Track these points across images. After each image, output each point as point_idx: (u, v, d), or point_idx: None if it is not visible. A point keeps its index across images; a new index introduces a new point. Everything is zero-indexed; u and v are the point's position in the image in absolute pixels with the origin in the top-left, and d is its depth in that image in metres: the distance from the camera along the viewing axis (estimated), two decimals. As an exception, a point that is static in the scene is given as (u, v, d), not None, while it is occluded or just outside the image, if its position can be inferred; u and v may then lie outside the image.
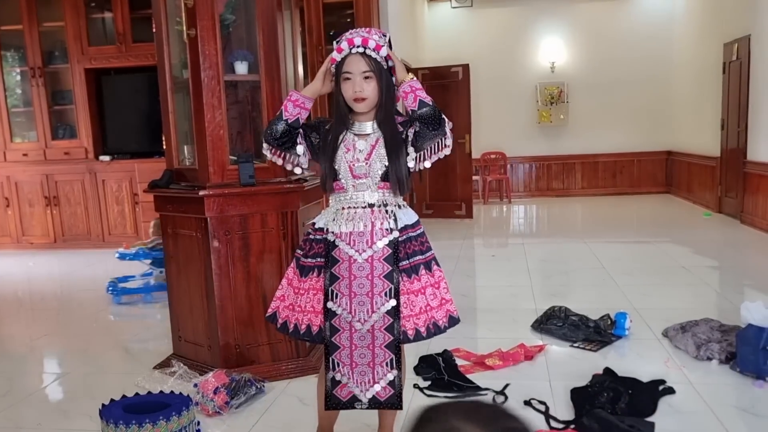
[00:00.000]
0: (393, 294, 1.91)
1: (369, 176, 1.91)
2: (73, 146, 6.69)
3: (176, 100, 3.12)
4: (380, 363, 1.92)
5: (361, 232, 1.91)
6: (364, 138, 1.94)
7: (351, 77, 1.88)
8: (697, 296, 4.17)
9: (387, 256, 1.91)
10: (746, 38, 6.74)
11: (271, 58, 2.95)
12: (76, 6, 6.44)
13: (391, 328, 1.91)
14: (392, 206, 1.94)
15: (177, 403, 2.20)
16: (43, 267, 6.13)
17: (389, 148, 1.90)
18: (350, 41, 1.87)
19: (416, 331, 1.93)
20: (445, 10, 9.77)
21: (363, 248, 1.91)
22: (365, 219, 1.91)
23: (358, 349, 1.93)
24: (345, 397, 1.95)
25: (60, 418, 2.74)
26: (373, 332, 1.92)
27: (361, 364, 1.93)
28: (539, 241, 6.73)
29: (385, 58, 1.93)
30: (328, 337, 1.94)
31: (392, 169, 1.90)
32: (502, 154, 9.78)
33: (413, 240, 1.96)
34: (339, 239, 1.93)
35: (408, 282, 1.93)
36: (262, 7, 2.92)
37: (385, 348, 1.92)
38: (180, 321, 3.21)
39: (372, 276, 1.91)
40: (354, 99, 1.89)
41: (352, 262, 1.91)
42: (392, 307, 1.91)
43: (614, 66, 9.53)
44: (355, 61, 1.87)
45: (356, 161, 1.91)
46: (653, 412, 2.50)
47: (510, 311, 3.98)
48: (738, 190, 7.00)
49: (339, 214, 1.94)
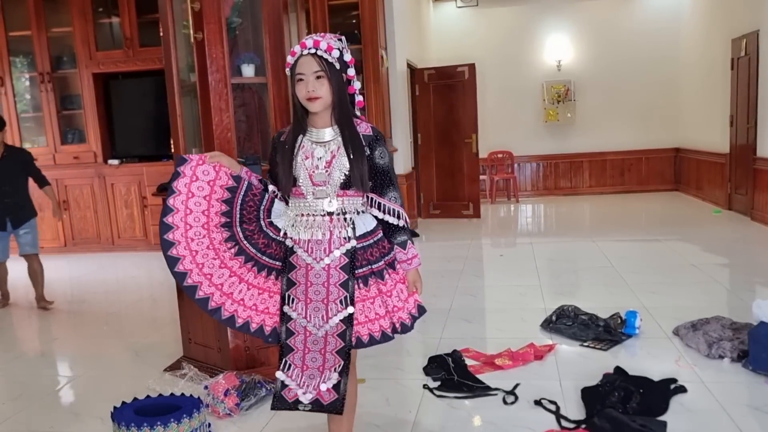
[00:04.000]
0: (348, 302, 1.93)
1: (329, 184, 1.92)
2: (82, 150, 6.73)
3: (184, 104, 3.14)
4: (329, 368, 1.96)
5: (319, 240, 1.93)
6: (322, 145, 1.94)
7: (304, 78, 1.89)
8: (708, 294, 4.14)
9: (343, 265, 1.94)
10: (755, 33, 6.70)
11: (277, 61, 2.96)
12: (83, 11, 6.49)
13: (344, 335, 1.95)
14: (351, 214, 1.95)
15: (188, 405, 2.21)
16: (53, 271, 6.15)
17: (350, 149, 1.90)
18: (303, 44, 1.90)
19: (370, 336, 1.97)
20: (451, 10, 9.76)
21: (320, 256, 1.93)
22: (323, 227, 1.93)
23: (311, 352, 1.97)
24: (291, 398, 1.99)
25: (72, 420, 2.76)
26: (326, 337, 1.95)
27: (311, 367, 1.97)
28: (547, 240, 6.70)
29: (345, 62, 1.93)
30: (284, 339, 1.98)
31: (355, 170, 1.90)
32: (509, 153, 9.75)
33: (371, 247, 1.97)
34: (297, 246, 1.95)
35: (364, 289, 1.96)
36: (268, 10, 2.93)
37: (336, 353, 1.96)
38: (190, 323, 3.23)
39: (328, 284, 1.94)
40: (307, 99, 1.90)
41: (309, 269, 1.94)
42: (347, 315, 1.94)
43: (621, 63, 9.48)
44: (307, 62, 1.88)
45: (315, 168, 1.92)
46: (665, 411, 2.49)
47: (519, 311, 3.97)
48: (748, 186, 6.95)
49: (298, 220, 1.96)
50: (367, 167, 1.92)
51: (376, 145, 1.94)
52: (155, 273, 5.74)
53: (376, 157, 1.94)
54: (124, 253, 6.71)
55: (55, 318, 4.60)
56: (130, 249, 6.75)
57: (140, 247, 6.72)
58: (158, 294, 4.96)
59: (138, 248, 6.72)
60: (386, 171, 1.97)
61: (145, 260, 6.30)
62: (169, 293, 4.36)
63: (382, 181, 1.97)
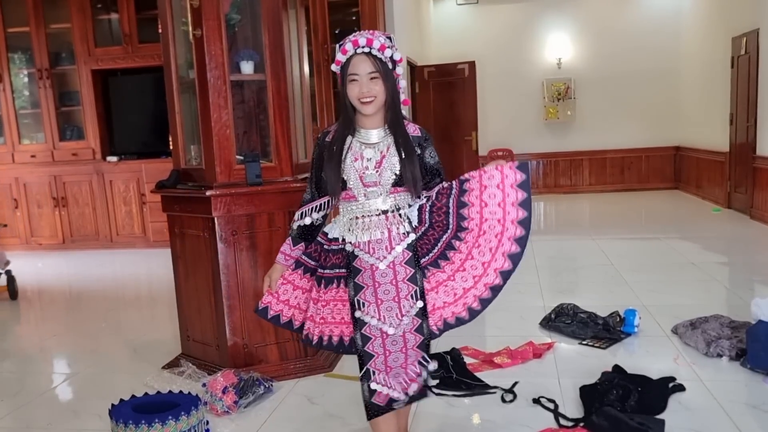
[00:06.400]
0: (419, 296, 1.92)
1: (380, 184, 1.90)
2: (81, 147, 6.72)
3: (183, 100, 3.13)
4: (412, 362, 1.94)
5: (379, 239, 1.91)
6: (371, 147, 1.92)
7: (357, 78, 1.86)
8: (707, 292, 4.14)
9: (408, 260, 1.92)
10: (755, 32, 6.69)
11: (276, 58, 2.95)
12: (82, 7, 6.47)
13: (421, 329, 1.93)
14: (404, 209, 1.94)
15: (186, 402, 2.20)
16: (51, 268, 6.16)
17: (402, 151, 1.89)
18: (355, 42, 1.85)
19: (445, 322, 1.96)
20: (451, 7, 9.74)
21: (383, 255, 1.91)
22: (381, 226, 1.91)
23: (392, 354, 1.94)
24: (383, 401, 1.96)
25: (70, 417, 2.76)
26: (405, 336, 1.93)
27: (395, 367, 1.95)
28: (547, 238, 6.70)
29: (395, 61, 1.91)
30: (361, 347, 1.94)
31: (407, 172, 1.88)
32: (509, 151, 9.75)
33: (425, 236, 1.95)
34: (358, 249, 1.93)
35: (438, 272, 1.94)
36: (267, 7, 2.92)
37: (416, 349, 1.94)
38: (188, 321, 3.22)
39: (396, 281, 1.92)
40: (361, 101, 1.87)
41: (375, 270, 1.92)
42: (419, 309, 1.92)
43: (621, 61, 9.48)
44: (361, 61, 1.85)
45: (365, 170, 1.90)
46: (663, 409, 2.49)
47: (518, 309, 3.97)
48: (747, 185, 6.95)
49: (354, 223, 1.93)
50: (419, 168, 1.91)
51: (426, 145, 1.96)
52: (154, 270, 5.74)
53: (426, 157, 1.96)
54: (123, 250, 6.71)
55: (53, 315, 4.60)
56: (128, 246, 6.75)
57: (139, 244, 6.72)
58: (157, 291, 4.96)
59: (136, 245, 6.72)
60: (437, 170, 1.98)
61: (144, 257, 6.30)
62: (167, 290, 4.34)
63: (432, 177, 1.98)
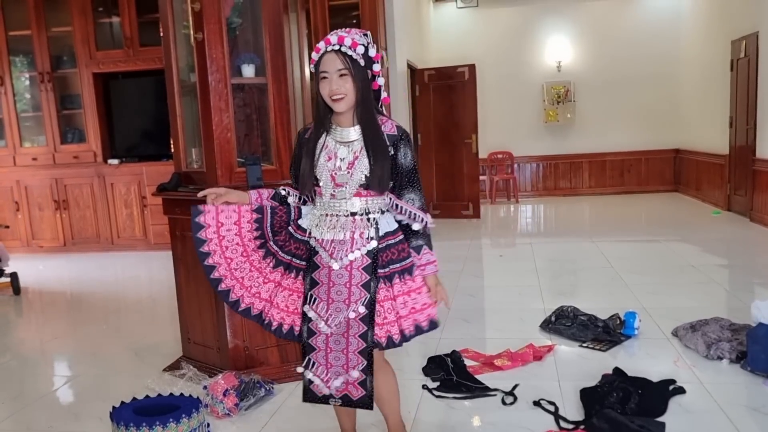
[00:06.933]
0: (367, 303, 1.92)
1: (349, 184, 1.90)
2: (82, 150, 6.73)
3: (184, 104, 3.14)
4: (353, 367, 1.96)
5: (342, 240, 1.92)
6: (346, 145, 1.92)
7: (327, 76, 1.87)
8: (707, 295, 4.14)
9: (366, 266, 1.92)
10: (754, 35, 6.70)
11: (277, 61, 2.96)
12: (83, 11, 6.49)
13: (365, 336, 1.94)
14: (375, 214, 1.94)
15: (187, 405, 2.21)
16: (52, 270, 6.17)
17: (371, 150, 1.88)
18: (327, 40, 1.87)
19: (388, 338, 1.94)
20: (451, 11, 9.76)
21: (341, 256, 1.92)
22: (347, 228, 1.92)
23: (333, 352, 1.97)
24: (319, 393, 2.01)
25: (70, 420, 2.76)
26: (348, 338, 1.95)
27: (335, 365, 1.97)
28: (547, 241, 6.70)
29: (370, 57, 1.89)
30: (305, 339, 1.98)
31: (375, 171, 1.88)
32: (509, 154, 9.76)
33: (392, 247, 1.95)
34: (319, 245, 1.95)
35: (384, 289, 1.94)
36: (268, 10, 2.93)
37: (358, 354, 1.95)
38: (189, 323, 3.23)
39: (350, 284, 1.93)
40: (332, 98, 1.88)
41: (331, 270, 1.93)
42: (366, 315, 1.92)
43: (621, 64, 9.49)
44: (331, 59, 1.86)
45: (338, 170, 1.91)
46: (663, 412, 2.49)
47: (518, 311, 3.97)
48: (747, 187, 6.96)
49: (322, 220, 1.95)
50: (389, 168, 1.90)
51: (401, 144, 1.92)
52: (155, 273, 5.75)
53: (399, 157, 1.92)
54: (124, 252, 6.71)
55: (54, 317, 4.60)
56: (129, 249, 6.76)
57: (140, 247, 6.73)
58: (157, 294, 4.96)
59: (137, 248, 6.73)
60: (407, 172, 1.94)
61: (145, 260, 6.30)
62: (168, 293, 4.35)
63: (401, 182, 1.94)
